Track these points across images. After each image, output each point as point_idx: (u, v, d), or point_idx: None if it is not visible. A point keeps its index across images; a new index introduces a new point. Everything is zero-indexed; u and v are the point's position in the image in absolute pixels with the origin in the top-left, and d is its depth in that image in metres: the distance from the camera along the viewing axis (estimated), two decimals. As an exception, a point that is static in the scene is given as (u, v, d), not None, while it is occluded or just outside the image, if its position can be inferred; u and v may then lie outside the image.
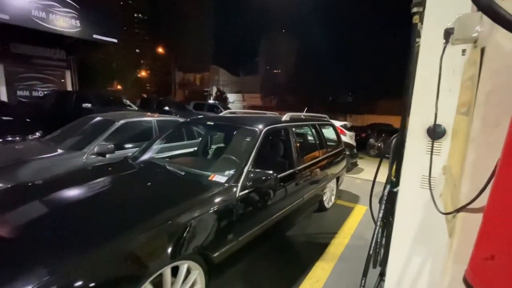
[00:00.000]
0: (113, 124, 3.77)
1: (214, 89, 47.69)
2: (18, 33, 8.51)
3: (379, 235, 1.66)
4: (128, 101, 8.80)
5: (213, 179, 1.92)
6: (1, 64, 8.82)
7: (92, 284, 1.11)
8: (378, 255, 1.75)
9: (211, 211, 1.66)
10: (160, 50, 27.41)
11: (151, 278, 1.31)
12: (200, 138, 3.27)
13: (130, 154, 3.47)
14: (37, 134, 5.52)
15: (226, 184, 1.86)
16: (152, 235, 1.36)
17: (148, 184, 1.94)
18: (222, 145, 2.73)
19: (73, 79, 10.75)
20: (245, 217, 1.91)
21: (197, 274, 1.60)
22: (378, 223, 1.64)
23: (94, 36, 8.42)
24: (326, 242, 2.83)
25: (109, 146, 3.47)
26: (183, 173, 2.02)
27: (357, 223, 3.40)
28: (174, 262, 1.42)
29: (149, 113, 4.54)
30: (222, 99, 38.29)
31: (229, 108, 13.45)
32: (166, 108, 10.07)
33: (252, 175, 1.93)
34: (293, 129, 2.88)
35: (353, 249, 2.76)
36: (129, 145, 3.80)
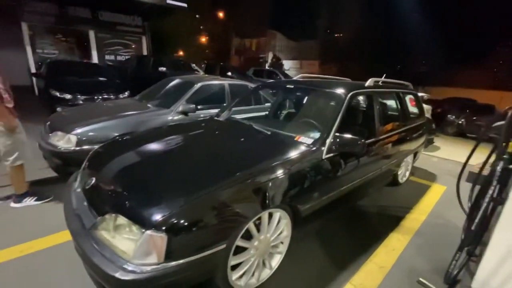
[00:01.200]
0: (193, 86, 4.08)
1: (270, 55, 46.43)
2: (105, 1, 9.48)
3: (485, 213, 1.53)
4: (195, 66, 9.30)
5: (299, 140, 1.98)
6: (92, 31, 10.06)
7: (211, 217, 1.33)
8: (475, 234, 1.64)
9: (301, 167, 1.75)
10: (220, 15, 27.42)
11: (253, 219, 1.51)
12: (275, 101, 3.32)
13: (213, 113, 3.80)
14: (126, 93, 6.35)
15: (312, 146, 1.91)
16: (254, 183, 1.51)
17: (241, 139, 2.11)
18: (302, 108, 2.74)
19: (148, 45, 11.71)
20: (329, 178, 1.96)
21: (285, 224, 1.77)
22: (486, 201, 1.52)
23: (168, 1, 8.85)
24: (400, 216, 2.75)
25: (191, 106, 3.80)
26: (269, 133, 2.13)
27: (434, 202, 3.18)
28: (270, 209, 1.58)
29: (221, 78, 4.76)
30: (277, 65, 37.25)
31: (287, 75, 13.11)
32: (229, 73, 10.36)
33: (338, 139, 1.93)
34: (377, 96, 2.71)
35: (430, 225, 2.63)
36: (206, 106, 4.09)
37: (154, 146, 1.98)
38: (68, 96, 5.51)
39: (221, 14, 27.11)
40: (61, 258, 1.86)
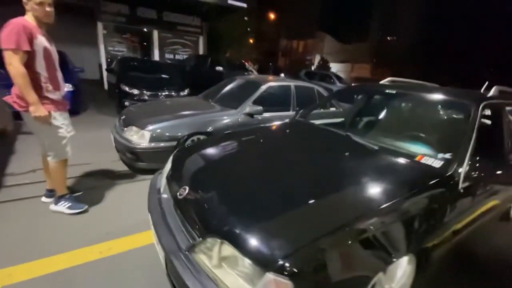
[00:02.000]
0: (259, 87, 3.86)
1: (317, 58, 45.10)
2: (169, 2, 9.95)
3: None
4: (249, 66, 9.23)
5: (422, 161, 1.57)
6: (156, 30, 10.65)
7: (341, 265, 1.07)
8: None
9: (431, 200, 1.35)
10: (271, 16, 27.43)
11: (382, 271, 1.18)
12: (360, 107, 2.91)
13: (277, 116, 3.54)
14: (186, 91, 6.47)
15: (443, 171, 1.49)
16: (383, 224, 1.17)
17: (346, 154, 1.75)
18: (407, 119, 2.29)
19: (204, 44, 12.04)
20: (463, 214, 1.52)
21: (407, 273, 1.38)
22: None
23: (229, 1, 8.93)
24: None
25: (258, 108, 3.59)
26: (376, 148, 1.75)
27: None
28: (400, 257, 1.22)
29: (286, 79, 4.48)
30: (325, 68, 35.92)
31: (341, 79, 12.36)
32: (281, 75, 10.11)
33: (478, 163, 1.48)
34: (505, 109, 2.14)
35: None
36: (271, 108, 3.84)
37: (250, 156, 1.74)
38: (135, 92, 5.76)
39: (272, 15, 27.06)
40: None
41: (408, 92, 2.19)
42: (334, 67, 40.44)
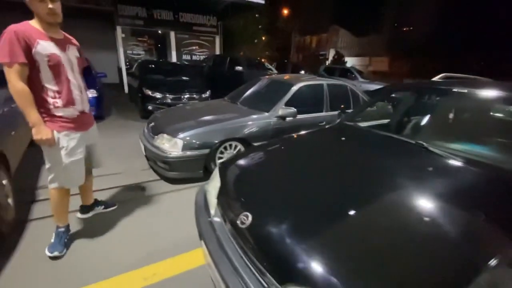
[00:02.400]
0: (291, 87, 3.63)
1: (331, 52, 44.08)
2: (185, 3, 9.85)
3: None
4: (269, 65, 8.98)
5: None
6: (173, 32, 10.60)
7: None
8: None
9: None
10: (285, 12, 26.98)
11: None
12: (415, 109, 2.60)
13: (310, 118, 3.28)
14: (207, 93, 6.33)
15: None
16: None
17: (429, 169, 1.43)
18: (482, 122, 1.97)
19: (220, 44, 11.90)
20: None
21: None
22: None
23: (246, -2, 8.71)
24: None
25: (291, 110, 3.35)
26: (460, 163, 1.45)
27: None
28: None
29: (317, 77, 4.21)
30: (340, 63, 34.96)
31: (362, 73, 11.84)
32: (302, 72, 9.79)
33: None
34: None
35: None
36: (304, 110, 3.59)
37: (314, 172, 1.49)
38: (158, 95, 5.68)
39: (284, 11, 26.60)
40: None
41: (477, 90, 1.87)
42: (350, 62, 39.37)
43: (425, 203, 1.19)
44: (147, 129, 3.42)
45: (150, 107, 5.63)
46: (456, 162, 1.45)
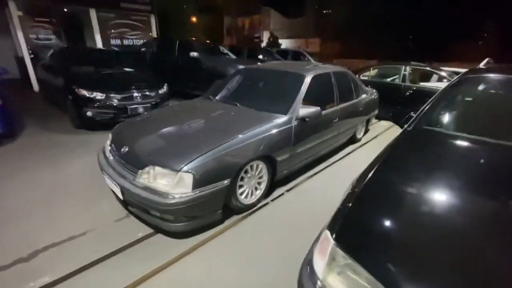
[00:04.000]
0: (303, 79, 2.90)
1: (266, 34, 44.12)
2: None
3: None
4: (224, 49, 7.89)
5: None
6: (93, 9, 8.32)
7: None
8: None
9: None
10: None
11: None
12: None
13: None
14: (165, 87, 5.04)
15: None
16: None
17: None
18: None
19: (156, 25, 10.04)
20: None
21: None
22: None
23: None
24: None
25: (313, 109, 2.65)
26: None
27: None
28: None
29: (320, 63, 3.55)
30: (275, 45, 35.23)
31: (313, 56, 11.78)
32: (260, 57, 8.99)
33: None
34: None
35: None
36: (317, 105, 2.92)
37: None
38: (99, 96, 4.16)
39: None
40: None
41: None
42: (284, 44, 40.14)
43: None
44: (114, 155, 2.24)
45: (89, 113, 4.11)
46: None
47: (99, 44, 8.62)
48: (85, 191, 2.58)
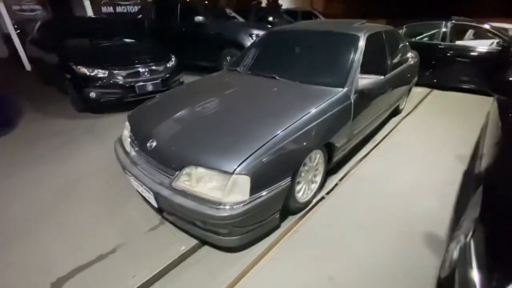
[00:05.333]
0: (357, 41, 2.31)
1: (264, -4, 40.84)
2: None
3: None
4: (231, 12, 7.00)
5: None
6: (79, -28, 7.28)
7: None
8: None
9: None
10: None
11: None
12: None
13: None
14: (173, 60, 4.41)
15: None
16: None
17: None
18: None
19: (150, -12, 8.92)
20: None
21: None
22: None
23: None
24: None
25: (375, 78, 2.12)
26: None
27: None
28: None
29: (368, 23, 2.89)
30: (276, 5, 32.68)
31: (318, 18, 10.67)
32: (270, 19, 8.04)
33: None
34: None
35: None
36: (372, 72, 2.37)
37: None
38: (101, 73, 3.59)
39: None
40: None
41: None
42: (284, 4, 37.19)
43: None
44: (137, 150, 1.79)
45: (93, 94, 3.58)
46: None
47: (90, 13, 7.70)
48: (104, 192, 2.18)
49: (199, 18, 5.63)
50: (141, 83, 3.77)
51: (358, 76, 2.11)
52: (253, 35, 5.22)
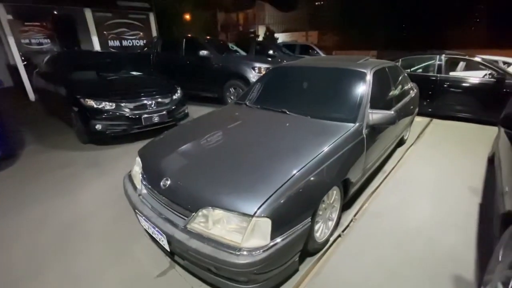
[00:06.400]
0: (364, 76, 2.39)
1: (260, 29, 43.39)
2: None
3: None
4: (234, 46, 7.33)
5: None
6: (88, 8, 7.70)
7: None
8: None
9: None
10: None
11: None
12: None
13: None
14: (179, 92, 4.49)
15: None
16: None
17: None
18: None
19: (156, 23, 9.42)
20: None
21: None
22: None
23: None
24: None
25: (386, 114, 2.15)
26: None
27: None
28: None
29: (370, 58, 3.03)
30: (272, 39, 34.53)
31: (322, 49, 11.21)
32: (270, 52, 8.41)
33: None
34: None
35: None
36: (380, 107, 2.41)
37: None
38: (109, 106, 3.63)
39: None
40: None
41: None
42: (280, 38, 39.45)
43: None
44: (150, 188, 1.73)
45: (99, 126, 3.58)
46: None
47: (97, 47, 8.03)
48: (111, 231, 2.08)
49: (204, 52, 5.87)
50: (147, 115, 3.80)
51: (369, 111, 2.15)
52: (255, 68, 5.42)
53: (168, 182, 1.60)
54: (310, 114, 2.22)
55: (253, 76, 5.37)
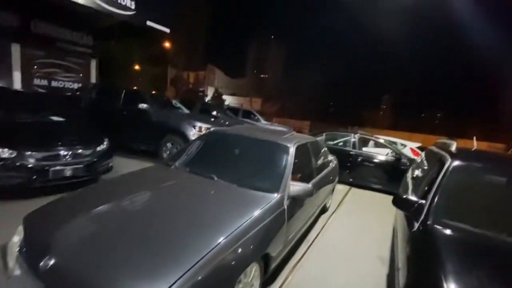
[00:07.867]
0: (287, 150, 2.63)
1: (210, 90, 46.06)
2: (44, 9, 6.91)
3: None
4: (177, 103, 7.45)
5: None
6: (17, 44, 7.07)
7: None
8: None
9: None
10: (167, 44, 25.15)
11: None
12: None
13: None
14: (105, 143, 4.13)
15: None
16: None
17: None
18: None
19: (97, 70, 9.12)
20: None
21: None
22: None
23: (148, 23, 6.95)
24: None
25: (305, 187, 2.34)
26: None
27: None
28: None
29: (297, 133, 3.40)
30: (219, 100, 36.78)
31: (256, 116, 12.25)
32: (214, 113, 8.74)
33: None
34: None
35: None
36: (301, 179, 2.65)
37: None
38: (7, 153, 3.04)
39: (167, 43, 24.92)
40: None
41: None
42: (227, 100, 42.32)
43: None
44: (25, 268, 1.36)
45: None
46: None
47: (17, 83, 7.13)
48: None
49: (143, 106, 5.75)
50: (58, 167, 3.29)
51: (290, 183, 2.29)
52: (195, 126, 5.49)
53: (51, 263, 1.30)
54: (237, 182, 2.25)
55: (192, 134, 5.38)
